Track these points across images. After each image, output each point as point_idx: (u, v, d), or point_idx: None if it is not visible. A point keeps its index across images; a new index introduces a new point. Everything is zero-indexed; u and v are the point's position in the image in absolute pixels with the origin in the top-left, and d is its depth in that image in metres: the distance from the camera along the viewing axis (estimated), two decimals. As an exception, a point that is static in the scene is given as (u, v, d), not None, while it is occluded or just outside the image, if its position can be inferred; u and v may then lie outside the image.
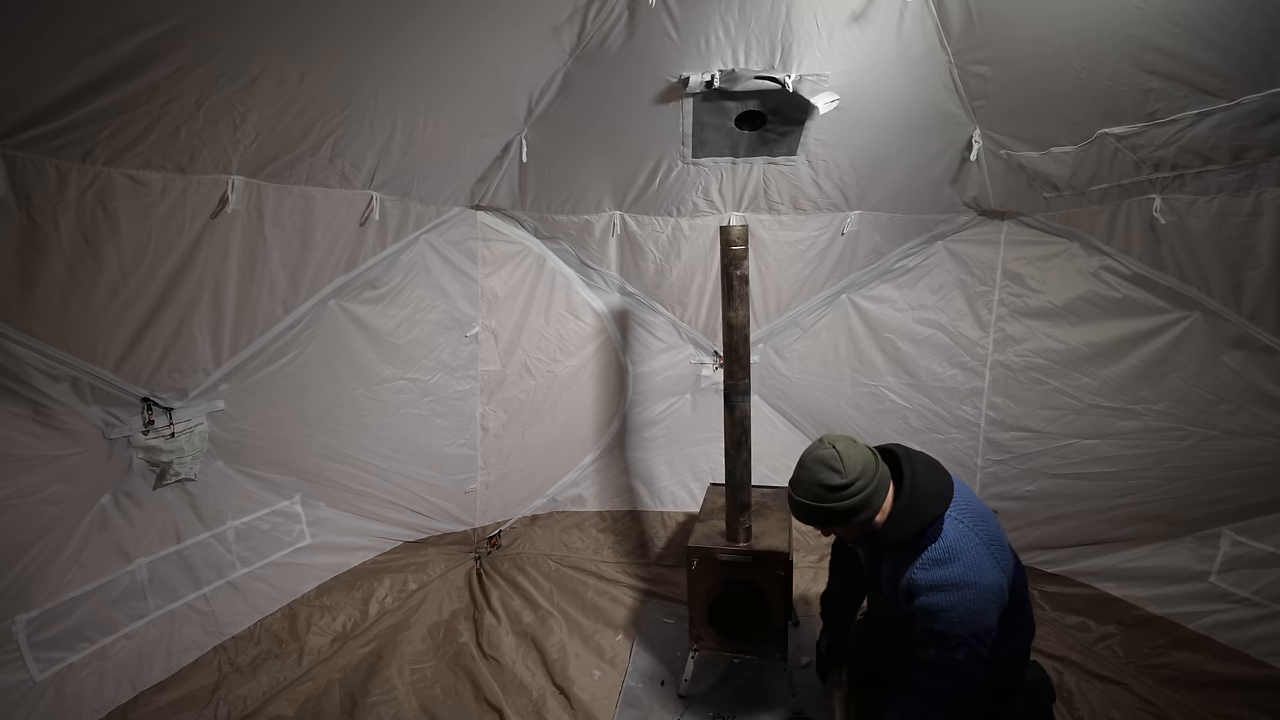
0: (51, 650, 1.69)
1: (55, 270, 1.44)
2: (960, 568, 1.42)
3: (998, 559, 1.47)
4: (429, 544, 2.84)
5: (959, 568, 1.42)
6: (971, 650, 1.39)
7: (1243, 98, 1.44)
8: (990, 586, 1.42)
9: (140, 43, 1.24)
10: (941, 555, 1.44)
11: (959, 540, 1.45)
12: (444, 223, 2.56)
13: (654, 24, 1.82)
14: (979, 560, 1.43)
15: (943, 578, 1.42)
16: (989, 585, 1.42)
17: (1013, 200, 2.42)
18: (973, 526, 1.48)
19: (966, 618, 1.39)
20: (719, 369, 2.86)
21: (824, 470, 1.46)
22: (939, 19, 1.79)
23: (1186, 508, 2.15)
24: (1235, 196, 1.70)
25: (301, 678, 2.12)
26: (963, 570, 1.42)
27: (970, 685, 1.41)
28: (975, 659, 1.39)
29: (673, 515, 3.11)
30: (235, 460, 2.11)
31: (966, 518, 1.49)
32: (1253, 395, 1.92)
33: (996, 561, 1.46)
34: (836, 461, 1.45)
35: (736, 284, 1.94)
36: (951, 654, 1.40)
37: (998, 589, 1.43)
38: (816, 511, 1.47)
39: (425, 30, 1.66)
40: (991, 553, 1.46)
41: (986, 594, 1.41)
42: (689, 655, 2.12)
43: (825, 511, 1.46)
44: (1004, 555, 1.50)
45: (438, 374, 2.72)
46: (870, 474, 1.45)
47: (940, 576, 1.42)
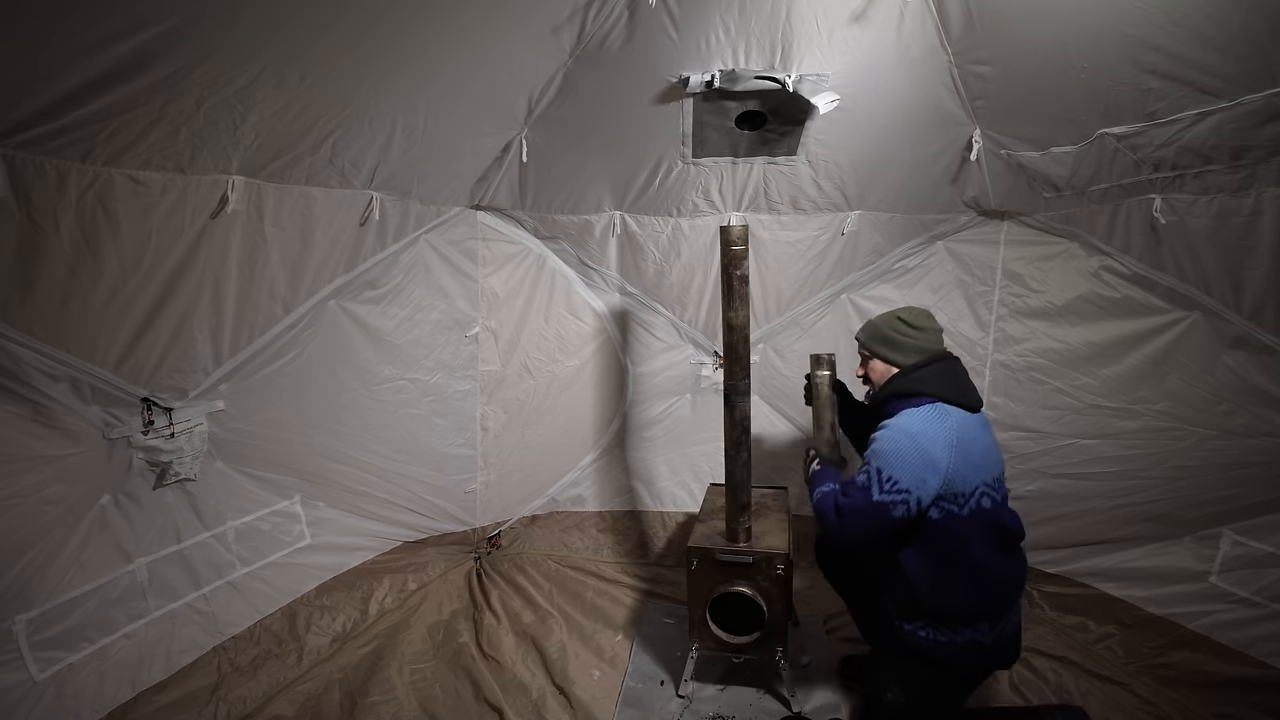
0: (51, 650, 1.69)
1: (55, 270, 1.44)
2: (905, 420, 1.62)
3: (955, 458, 1.56)
4: (429, 544, 2.84)
5: (905, 420, 1.62)
6: (868, 479, 1.57)
7: (1243, 98, 1.44)
8: (917, 447, 1.56)
9: (140, 43, 1.24)
10: (907, 415, 1.63)
11: (928, 414, 1.62)
12: (444, 223, 2.56)
13: (654, 24, 1.82)
14: (928, 430, 1.58)
15: (887, 423, 1.64)
16: (917, 447, 1.56)
17: (1013, 200, 2.42)
18: (949, 422, 1.60)
19: (880, 449, 1.60)
20: (719, 369, 2.86)
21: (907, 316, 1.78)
22: (939, 19, 1.79)
23: (1186, 508, 2.15)
24: (1235, 196, 1.70)
25: (301, 678, 2.12)
26: (905, 421, 1.61)
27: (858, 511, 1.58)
28: (866, 490, 1.56)
29: (673, 515, 3.11)
30: (235, 460, 2.11)
31: (954, 419, 1.61)
32: (1253, 395, 1.92)
33: (946, 453, 1.56)
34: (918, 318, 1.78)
35: (736, 284, 1.94)
36: (857, 475, 1.63)
37: (923, 457, 1.55)
38: (882, 330, 1.78)
39: (428, 32, 1.66)
40: (948, 449, 1.56)
41: (909, 447, 1.56)
42: (689, 655, 2.11)
43: (887, 332, 1.77)
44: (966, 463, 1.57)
45: (438, 374, 2.72)
46: (928, 338, 1.76)
47: (887, 423, 1.65)
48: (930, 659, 1.65)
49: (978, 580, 1.61)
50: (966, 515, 1.57)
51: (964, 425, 1.61)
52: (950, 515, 1.57)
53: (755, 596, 1.98)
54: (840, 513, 1.61)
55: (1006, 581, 1.66)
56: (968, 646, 1.62)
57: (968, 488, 1.56)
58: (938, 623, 1.63)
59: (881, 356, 1.78)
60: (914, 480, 1.53)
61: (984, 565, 1.61)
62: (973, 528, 1.58)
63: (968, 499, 1.56)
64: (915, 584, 1.63)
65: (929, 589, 1.62)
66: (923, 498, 1.54)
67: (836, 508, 1.62)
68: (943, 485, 1.55)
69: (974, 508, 1.57)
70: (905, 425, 1.60)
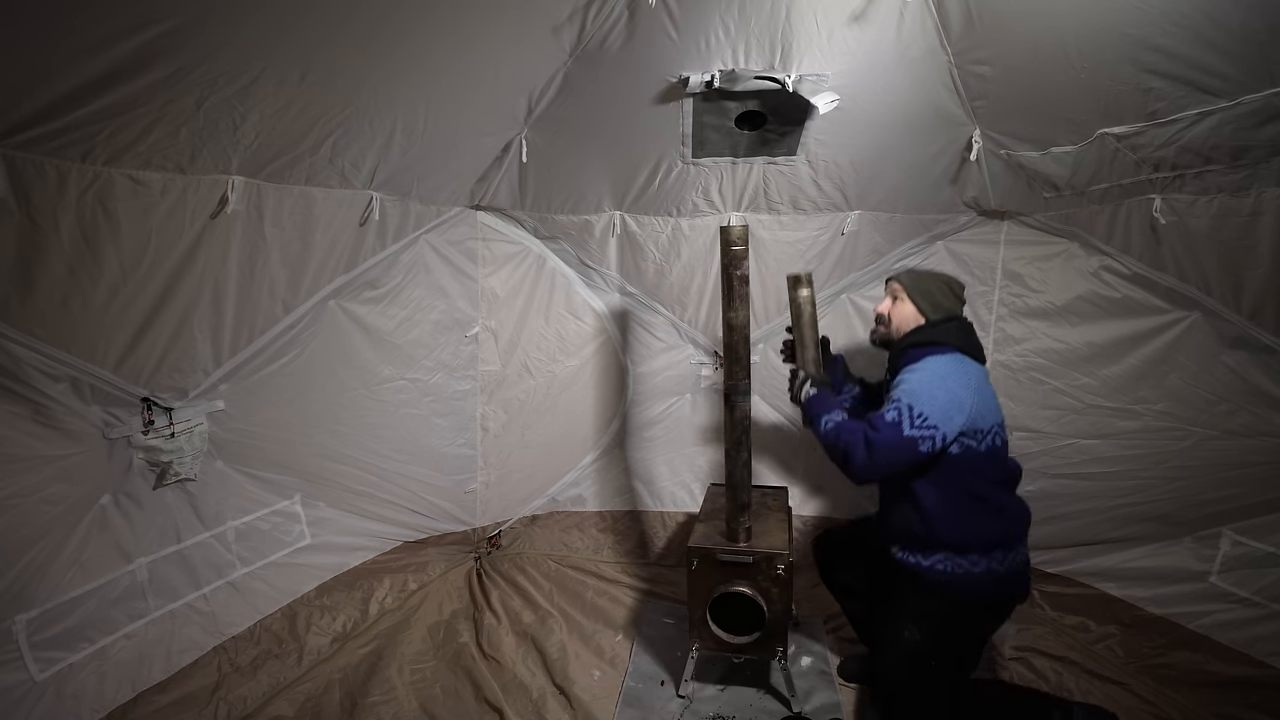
0: (51, 650, 1.69)
1: (55, 270, 1.44)
2: (934, 364, 1.71)
3: (976, 399, 1.67)
4: (429, 544, 2.84)
5: (933, 363, 1.71)
6: (899, 414, 1.63)
7: (1243, 97, 1.43)
8: (946, 387, 1.66)
9: (141, 42, 1.23)
10: (934, 360, 1.72)
11: (953, 360, 1.73)
12: (444, 223, 2.56)
13: (654, 24, 1.82)
14: (955, 373, 1.69)
15: (915, 366, 1.73)
16: (946, 388, 1.66)
17: (1013, 200, 2.42)
18: (971, 368, 1.73)
19: (911, 389, 1.66)
20: (719, 369, 2.86)
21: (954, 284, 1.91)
22: (939, 19, 1.79)
23: (1186, 508, 2.15)
24: (1235, 196, 1.70)
25: (301, 678, 2.12)
26: (934, 365, 1.71)
27: (889, 446, 1.62)
28: (897, 426, 1.62)
29: (673, 515, 3.11)
30: (235, 460, 2.11)
31: (973, 367, 1.75)
32: (1253, 395, 1.92)
33: (970, 394, 1.67)
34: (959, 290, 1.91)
35: (736, 284, 1.94)
36: (885, 412, 1.67)
37: (951, 397, 1.64)
38: (927, 284, 1.87)
39: (429, 33, 1.66)
40: (971, 390, 1.67)
41: (939, 387, 1.65)
42: (689, 655, 2.12)
43: (931, 287, 1.86)
44: (984, 404, 1.69)
45: (438, 374, 2.72)
46: (956, 307, 1.88)
47: (914, 366, 1.73)
48: (948, 593, 1.71)
49: (992, 511, 1.72)
50: (983, 451, 1.68)
51: (980, 373, 1.76)
52: (969, 449, 1.67)
53: (755, 596, 1.98)
54: (871, 447, 1.64)
55: (1017, 513, 1.78)
56: (985, 576, 1.69)
57: (985, 425, 1.68)
58: (955, 553, 1.70)
59: (916, 305, 1.86)
60: (942, 417, 1.62)
61: (997, 497, 1.73)
62: (988, 462, 1.70)
63: (985, 435, 1.68)
64: (933, 518, 1.70)
65: (947, 521, 1.70)
66: (948, 434, 1.62)
67: (868, 442, 1.64)
68: (965, 423, 1.64)
69: (989, 445, 1.69)
70: (934, 368, 1.70)
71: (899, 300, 1.90)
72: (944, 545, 1.71)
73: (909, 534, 1.77)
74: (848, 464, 1.68)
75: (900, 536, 1.80)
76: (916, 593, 1.76)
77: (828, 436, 1.75)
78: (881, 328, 1.94)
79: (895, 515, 1.81)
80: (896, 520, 1.80)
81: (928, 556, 1.73)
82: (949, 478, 1.69)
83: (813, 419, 1.82)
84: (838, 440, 1.71)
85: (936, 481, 1.70)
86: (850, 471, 1.69)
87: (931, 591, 1.73)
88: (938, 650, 1.70)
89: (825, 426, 1.77)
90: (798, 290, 1.96)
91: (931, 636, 1.70)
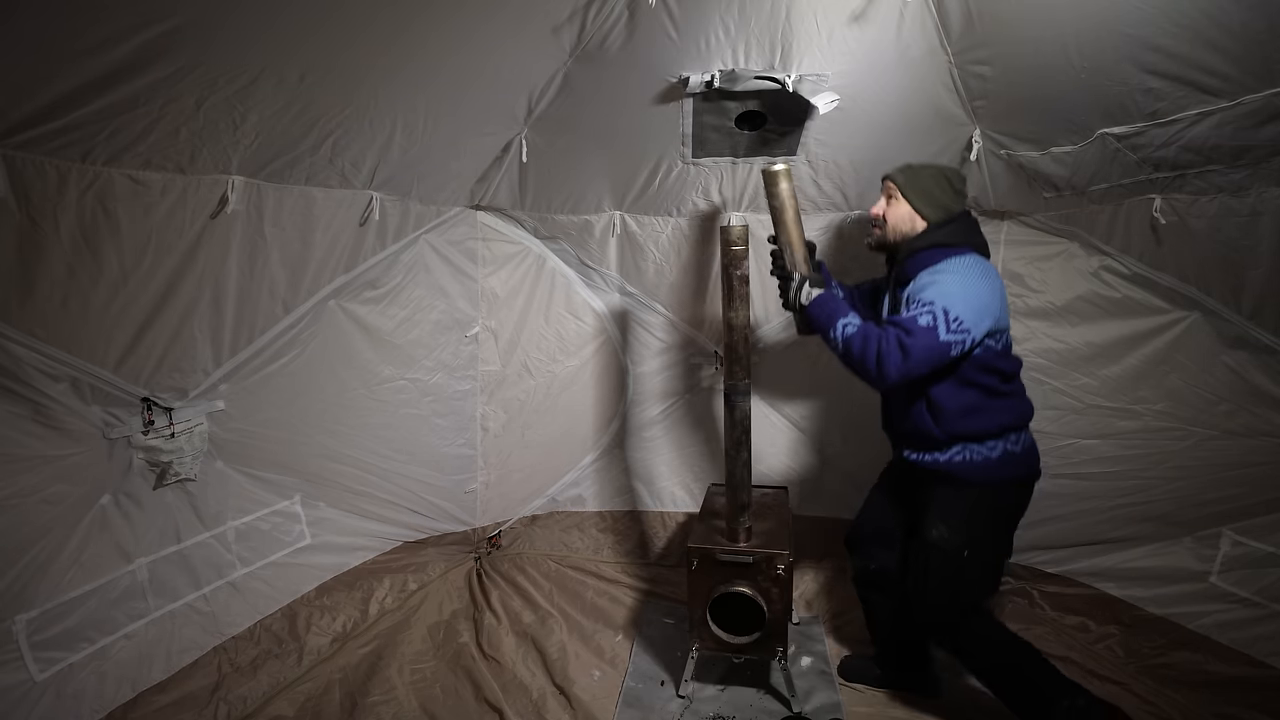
0: (51, 650, 1.69)
1: (55, 270, 1.44)
2: (958, 264, 1.68)
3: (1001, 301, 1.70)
4: (429, 544, 2.84)
5: (956, 264, 1.68)
6: (934, 318, 1.59)
7: (1243, 97, 1.44)
8: (977, 290, 1.64)
9: (140, 43, 1.24)
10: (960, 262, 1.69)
11: (976, 262, 1.71)
12: (444, 223, 2.56)
13: (654, 24, 1.82)
14: (983, 277, 1.67)
15: (939, 269, 1.68)
16: (977, 291, 1.64)
17: (1013, 200, 2.42)
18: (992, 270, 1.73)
19: (944, 292, 1.61)
20: (719, 369, 2.86)
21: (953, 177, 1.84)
22: (939, 19, 1.79)
23: (1186, 508, 2.15)
24: (1235, 196, 1.70)
25: (301, 678, 2.12)
26: (959, 265, 1.68)
27: (925, 350, 1.58)
28: (933, 330, 1.58)
29: (673, 515, 3.11)
30: (235, 460, 2.11)
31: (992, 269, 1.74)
32: (1252, 395, 1.93)
33: (997, 298, 1.68)
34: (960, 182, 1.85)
35: (736, 284, 1.94)
36: (917, 316, 1.60)
37: (981, 300, 1.63)
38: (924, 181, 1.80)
39: (428, 31, 1.66)
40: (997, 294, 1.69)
41: (971, 291, 1.63)
42: (689, 655, 2.12)
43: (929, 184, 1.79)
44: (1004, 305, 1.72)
45: (438, 374, 2.72)
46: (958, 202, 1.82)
47: (938, 269, 1.68)
48: (969, 481, 1.75)
49: (1004, 401, 1.75)
50: (999, 349, 1.72)
51: (997, 273, 1.76)
52: (988, 349, 1.70)
53: (755, 596, 1.98)
54: (906, 351, 1.58)
55: (1023, 400, 1.82)
56: (1003, 459, 1.74)
57: (1004, 324, 1.72)
58: (972, 441, 1.74)
59: (914, 204, 1.80)
60: (974, 321, 1.61)
61: (1009, 387, 1.77)
62: (1003, 358, 1.74)
63: (1003, 334, 1.73)
64: (949, 416, 1.72)
65: (964, 417, 1.72)
66: (976, 337, 1.62)
67: (902, 346, 1.58)
68: (988, 327, 1.65)
69: (1005, 342, 1.74)
70: (961, 270, 1.67)
71: (894, 200, 1.83)
72: (960, 438, 1.73)
73: (923, 435, 1.77)
74: (881, 368, 1.59)
75: (914, 439, 1.81)
76: (935, 494, 1.79)
77: (849, 342, 1.65)
78: (877, 230, 1.88)
79: (908, 419, 1.80)
80: (910, 424, 1.80)
81: (944, 451, 1.75)
82: (967, 376, 1.70)
83: (823, 324, 1.73)
84: (865, 346, 1.62)
85: (953, 381, 1.70)
86: (883, 374, 1.60)
87: (951, 485, 1.76)
88: (970, 540, 1.74)
89: (844, 331, 1.67)
90: (777, 186, 1.84)
91: (960, 528, 1.74)
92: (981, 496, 1.76)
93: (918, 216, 1.81)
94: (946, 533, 1.75)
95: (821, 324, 1.74)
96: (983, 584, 1.83)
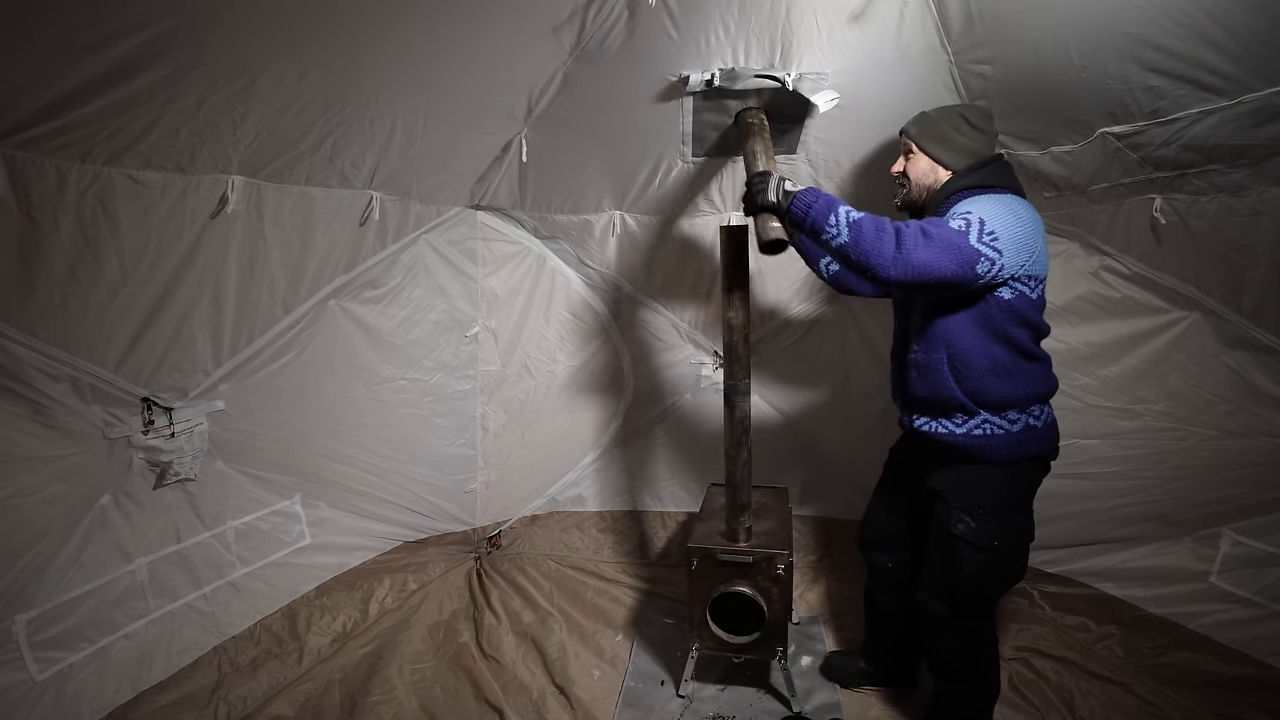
0: (51, 650, 1.69)
1: (55, 270, 1.44)
2: (996, 197, 1.52)
3: (1042, 244, 1.53)
4: (429, 544, 2.84)
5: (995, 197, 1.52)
6: (967, 224, 1.42)
7: (1243, 96, 1.44)
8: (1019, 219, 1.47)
9: (140, 43, 1.23)
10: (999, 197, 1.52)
11: (1016, 199, 1.54)
12: (444, 223, 2.56)
13: (654, 23, 1.82)
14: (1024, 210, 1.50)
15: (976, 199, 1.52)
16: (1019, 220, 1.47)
17: (1013, 200, 2.42)
18: (1035, 212, 1.54)
19: (981, 207, 1.46)
20: (719, 369, 2.86)
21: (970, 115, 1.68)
22: (939, 18, 1.79)
23: (1186, 508, 2.15)
24: (1236, 196, 1.70)
25: (301, 678, 2.12)
26: (998, 197, 1.51)
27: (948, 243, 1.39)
28: (964, 233, 1.41)
29: (673, 515, 3.11)
30: (235, 460, 2.11)
31: (1036, 213, 1.55)
32: (1252, 395, 1.92)
33: (1039, 238, 1.51)
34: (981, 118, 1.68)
35: (736, 284, 1.94)
36: (949, 221, 1.46)
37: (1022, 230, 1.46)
38: (939, 127, 1.67)
39: (426, 30, 1.65)
40: (1040, 234, 1.52)
41: (1011, 217, 1.46)
42: (689, 655, 2.12)
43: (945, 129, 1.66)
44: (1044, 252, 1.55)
45: (438, 374, 2.72)
46: (986, 142, 1.67)
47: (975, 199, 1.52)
48: (985, 463, 1.58)
49: (1037, 367, 1.60)
50: (1034, 299, 1.55)
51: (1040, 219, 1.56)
52: (1022, 295, 1.52)
53: (755, 596, 1.98)
54: (927, 233, 1.40)
55: (1050, 369, 1.65)
56: (1024, 434, 1.58)
57: (1041, 273, 1.55)
58: (996, 412, 1.57)
59: (932, 155, 1.67)
60: (1010, 246, 1.43)
61: (1038, 351, 1.61)
62: (1036, 312, 1.57)
63: (1039, 284, 1.55)
64: (977, 373, 1.54)
65: (987, 376, 1.55)
66: (1006, 268, 1.44)
67: (923, 231, 1.40)
68: (1028, 264, 1.49)
69: (1040, 294, 1.57)
70: (1001, 200, 1.50)
71: (912, 155, 1.71)
72: (983, 405, 1.56)
73: (942, 398, 1.59)
74: (901, 245, 1.39)
75: (929, 404, 1.63)
76: (950, 478, 1.63)
77: (858, 225, 1.44)
78: (903, 190, 1.76)
79: (925, 378, 1.62)
80: (927, 384, 1.62)
81: (962, 423, 1.58)
82: (997, 327, 1.52)
83: (818, 215, 1.49)
84: (880, 226, 1.42)
85: (983, 331, 1.53)
86: (902, 252, 1.38)
87: (968, 466, 1.59)
88: (1000, 529, 1.58)
89: (849, 215, 1.46)
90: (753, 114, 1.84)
91: (986, 517, 1.58)
92: (1002, 477, 1.59)
93: (939, 167, 1.66)
94: (973, 524, 1.59)
95: (817, 215, 1.49)
96: (1017, 572, 1.66)
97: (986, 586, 1.65)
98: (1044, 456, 1.66)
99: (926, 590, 1.73)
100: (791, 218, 1.56)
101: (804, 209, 1.51)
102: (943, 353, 1.58)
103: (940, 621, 1.71)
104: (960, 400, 1.57)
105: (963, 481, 1.62)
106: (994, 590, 1.68)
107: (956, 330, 1.55)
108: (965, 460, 1.60)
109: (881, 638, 2.13)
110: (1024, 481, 1.65)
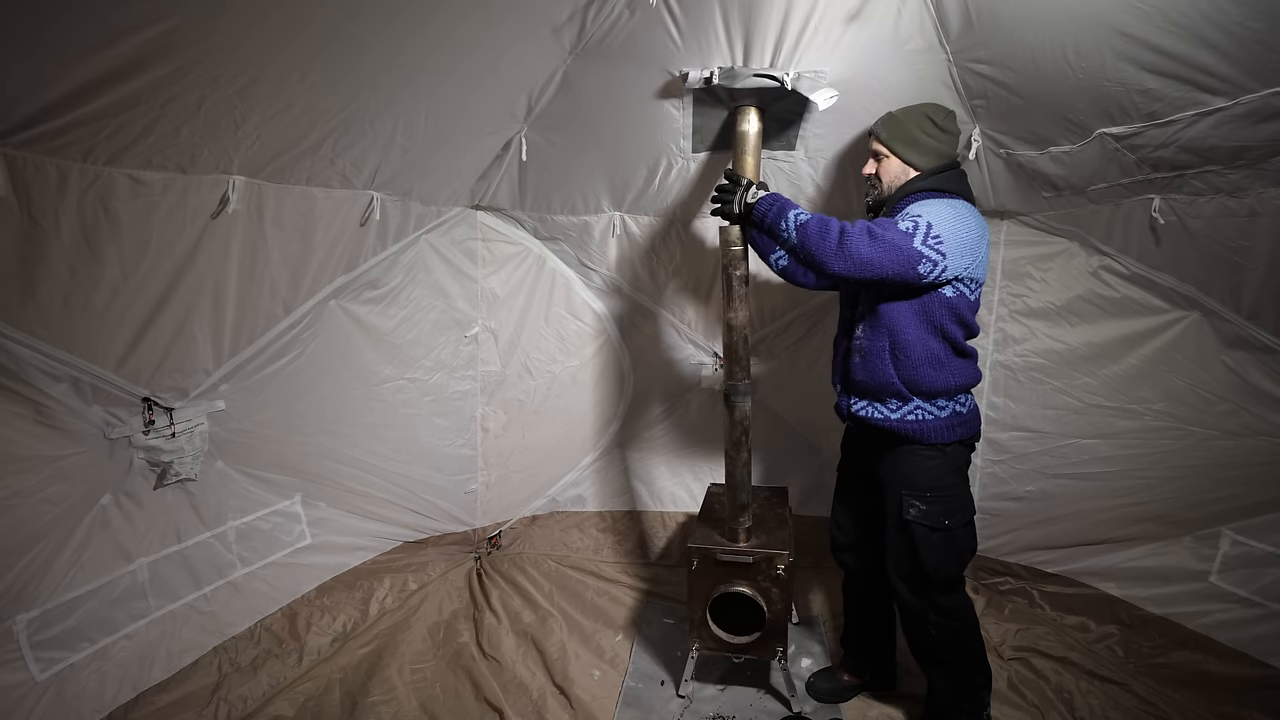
0: (52, 650, 1.69)
1: (56, 270, 1.44)
2: (949, 201, 1.65)
3: (985, 250, 1.67)
4: (429, 544, 2.84)
5: (945, 202, 1.65)
6: (913, 226, 1.56)
7: (1241, 98, 1.44)
8: (966, 226, 1.61)
9: (140, 42, 1.24)
10: (948, 202, 1.65)
11: (965, 205, 1.67)
12: (444, 223, 2.56)
13: (654, 23, 1.83)
14: (971, 217, 1.64)
15: (927, 203, 1.65)
16: (966, 226, 1.61)
17: (1012, 200, 2.42)
18: (981, 219, 1.68)
19: (930, 210, 1.60)
20: (719, 369, 2.86)
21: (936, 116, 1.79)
22: (937, 18, 1.80)
23: (1186, 508, 2.15)
24: (1234, 197, 1.70)
25: (301, 678, 2.12)
26: (949, 204, 1.64)
27: (893, 245, 1.54)
28: (909, 235, 1.55)
29: (673, 515, 3.11)
30: (236, 460, 2.11)
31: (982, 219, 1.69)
32: (1252, 395, 1.93)
33: (983, 243, 1.66)
34: (946, 119, 1.79)
35: (736, 284, 1.94)
36: (896, 222, 1.59)
37: (967, 236, 1.60)
38: (908, 130, 1.77)
39: (427, 30, 1.66)
40: (984, 240, 1.67)
41: (958, 223, 1.60)
42: (689, 655, 2.12)
43: (914, 132, 1.77)
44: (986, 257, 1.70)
45: (437, 374, 2.72)
46: (950, 143, 1.79)
47: (925, 203, 1.65)
48: (920, 445, 1.72)
49: (965, 363, 1.75)
50: (972, 300, 1.70)
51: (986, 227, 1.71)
52: (962, 295, 1.67)
53: (755, 596, 1.98)
54: (873, 234, 1.54)
55: (977, 368, 1.81)
56: (951, 419, 1.73)
57: (981, 276, 1.69)
58: (928, 399, 1.72)
59: (901, 156, 1.78)
60: (954, 249, 1.58)
61: (970, 352, 1.77)
62: (971, 312, 1.72)
63: (978, 286, 1.71)
64: (914, 362, 1.68)
65: (927, 368, 1.69)
66: (949, 270, 1.59)
67: (869, 230, 1.54)
68: (970, 267, 1.63)
69: (977, 298, 1.72)
70: (950, 205, 1.64)
71: (885, 158, 1.81)
72: (916, 392, 1.70)
73: (879, 384, 1.73)
74: (844, 243, 1.54)
75: (867, 389, 1.77)
76: (891, 467, 1.77)
77: (805, 226, 1.61)
78: (874, 191, 1.86)
79: (865, 364, 1.76)
80: (866, 370, 1.76)
81: (896, 409, 1.73)
82: (936, 322, 1.67)
83: (773, 220, 1.68)
84: (825, 225, 1.59)
85: (923, 325, 1.67)
86: (844, 248, 1.55)
87: (905, 451, 1.74)
88: (947, 508, 1.72)
89: (798, 219, 1.64)
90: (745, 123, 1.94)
91: (932, 499, 1.71)
92: (939, 461, 1.73)
93: (909, 169, 1.78)
94: (923, 507, 1.71)
95: (772, 220, 1.69)
96: (970, 548, 1.80)
97: (948, 563, 1.76)
98: (970, 440, 1.81)
99: (895, 575, 1.83)
100: (752, 220, 1.77)
101: (764, 215, 1.73)
102: (886, 340, 1.71)
103: (916, 607, 1.80)
104: (896, 386, 1.71)
105: (906, 469, 1.76)
106: (954, 567, 1.77)
107: (901, 320, 1.68)
108: (901, 442, 1.75)
109: (860, 634, 2.15)
110: (958, 460, 1.79)
